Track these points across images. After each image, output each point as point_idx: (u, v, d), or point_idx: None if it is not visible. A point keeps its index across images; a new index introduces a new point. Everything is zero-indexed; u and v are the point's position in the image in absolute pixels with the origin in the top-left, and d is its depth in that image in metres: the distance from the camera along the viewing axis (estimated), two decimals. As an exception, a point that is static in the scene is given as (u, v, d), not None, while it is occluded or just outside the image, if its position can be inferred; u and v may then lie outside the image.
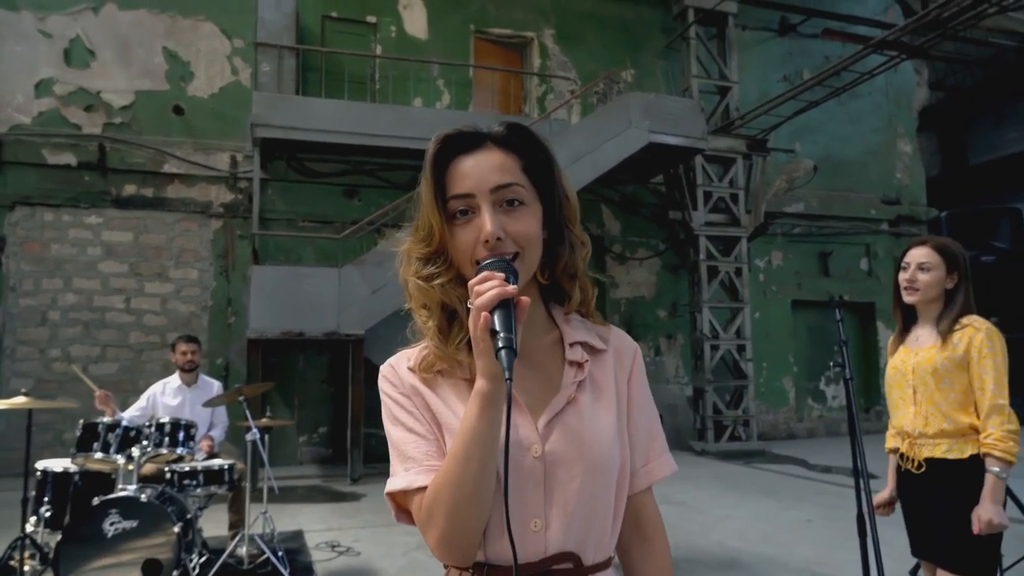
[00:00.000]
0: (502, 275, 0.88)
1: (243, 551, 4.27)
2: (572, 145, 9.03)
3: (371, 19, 10.18)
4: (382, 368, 1.07)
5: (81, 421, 3.98)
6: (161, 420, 4.09)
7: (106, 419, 3.97)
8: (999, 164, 15.85)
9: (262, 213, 8.83)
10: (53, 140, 8.69)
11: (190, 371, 4.89)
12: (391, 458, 1.01)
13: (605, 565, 1.00)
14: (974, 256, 3.94)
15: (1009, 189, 14.58)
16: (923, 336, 2.39)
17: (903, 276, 2.37)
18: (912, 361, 2.35)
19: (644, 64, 11.43)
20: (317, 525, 5.74)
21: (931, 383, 2.29)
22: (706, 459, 9.60)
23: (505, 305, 0.86)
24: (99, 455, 3.89)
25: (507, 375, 0.82)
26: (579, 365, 1.03)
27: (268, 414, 4.69)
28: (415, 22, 10.36)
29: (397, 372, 1.05)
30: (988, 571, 2.20)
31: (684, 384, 11.13)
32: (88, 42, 9.00)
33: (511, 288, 0.87)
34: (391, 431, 1.01)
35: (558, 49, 11.06)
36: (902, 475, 2.34)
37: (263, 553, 4.27)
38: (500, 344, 0.84)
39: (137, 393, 8.29)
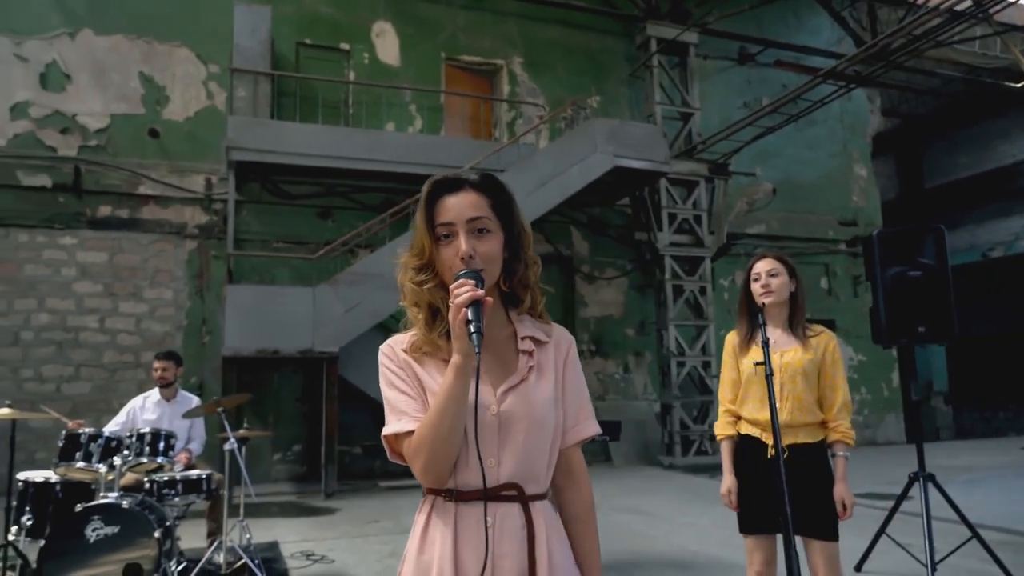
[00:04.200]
0: (473, 282, 1.22)
1: (221, 558, 4.40)
2: (540, 169, 9.37)
3: (344, 46, 10.47)
4: (382, 347, 1.40)
5: (64, 431, 4.11)
6: (141, 430, 4.24)
7: (88, 430, 4.11)
8: (952, 187, 16.61)
9: (237, 234, 8.99)
10: (28, 162, 8.79)
11: (167, 387, 5.03)
12: (386, 412, 1.34)
13: (541, 496, 1.35)
14: (902, 271, 4.27)
15: (961, 211, 15.31)
16: (779, 339, 2.74)
17: (757, 284, 2.76)
18: (778, 362, 2.67)
19: (609, 91, 11.87)
20: (292, 537, 5.87)
21: (800, 382, 2.67)
22: (673, 473, 9.86)
23: (475, 304, 1.20)
24: (81, 464, 4.01)
25: (477, 350, 1.18)
26: (529, 354, 1.37)
27: (245, 426, 4.85)
28: (387, 49, 10.68)
29: (394, 350, 1.38)
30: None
31: (652, 400, 11.43)
32: (64, 66, 9.15)
33: (480, 292, 1.21)
34: (387, 392, 1.35)
35: (527, 76, 11.44)
36: (763, 460, 2.63)
37: (240, 559, 4.41)
38: (472, 329, 1.19)
39: (111, 412, 8.37)
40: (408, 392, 1.32)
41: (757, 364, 2.50)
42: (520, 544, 1.28)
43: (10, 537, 3.92)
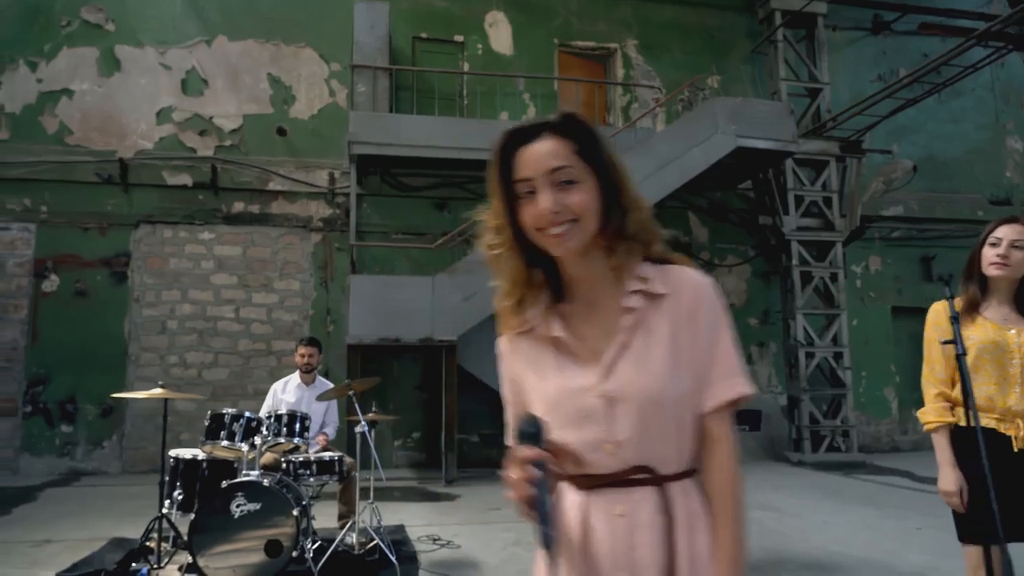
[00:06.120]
0: (532, 473, 1.04)
1: (353, 539, 4.51)
2: (658, 152, 9.06)
3: (459, 38, 10.56)
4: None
5: (209, 412, 4.33)
6: (279, 412, 4.40)
7: (231, 410, 4.31)
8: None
9: (358, 226, 9.27)
10: (172, 163, 9.44)
11: (309, 372, 5.24)
12: None
13: (682, 476, 1.17)
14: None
15: None
16: (1009, 316, 2.37)
17: (994, 251, 2.34)
18: (1017, 340, 2.31)
19: (730, 70, 11.32)
20: (417, 521, 5.96)
21: None
22: (802, 469, 9.31)
23: (537, 496, 1.03)
24: (225, 443, 4.21)
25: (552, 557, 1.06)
26: (631, 311, 1.17)
27: (374, 410, 4.96)
28: (500, 39, 10.67)
29: (501, 345, 1.30)
30: None
31: (778, 393, 10.84)
32: (202, 72, 9.75)
33: (533, 478, 1.04)
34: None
35: (642, 59, 11.11)
36: (1006, 455, 2.26)
37: (372, 541, 4.49)
38: (543, 532, 1.03)
39: (246, 396, 8.91)
40: (509, 398, 1.26)
41: (945, 342, 2.16)
42: (657, 533, 1.12)
43: (164, 510, 4.17)
